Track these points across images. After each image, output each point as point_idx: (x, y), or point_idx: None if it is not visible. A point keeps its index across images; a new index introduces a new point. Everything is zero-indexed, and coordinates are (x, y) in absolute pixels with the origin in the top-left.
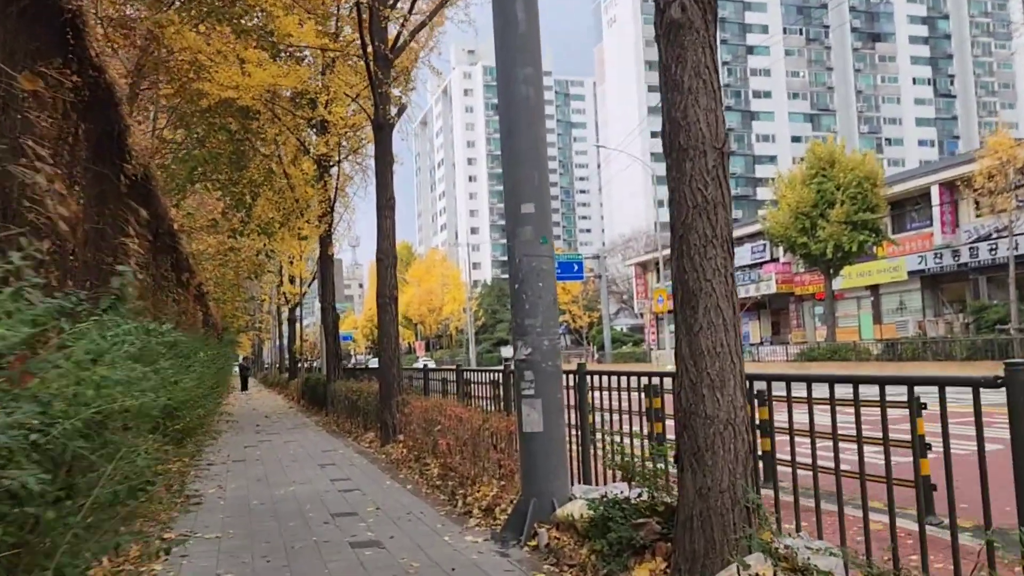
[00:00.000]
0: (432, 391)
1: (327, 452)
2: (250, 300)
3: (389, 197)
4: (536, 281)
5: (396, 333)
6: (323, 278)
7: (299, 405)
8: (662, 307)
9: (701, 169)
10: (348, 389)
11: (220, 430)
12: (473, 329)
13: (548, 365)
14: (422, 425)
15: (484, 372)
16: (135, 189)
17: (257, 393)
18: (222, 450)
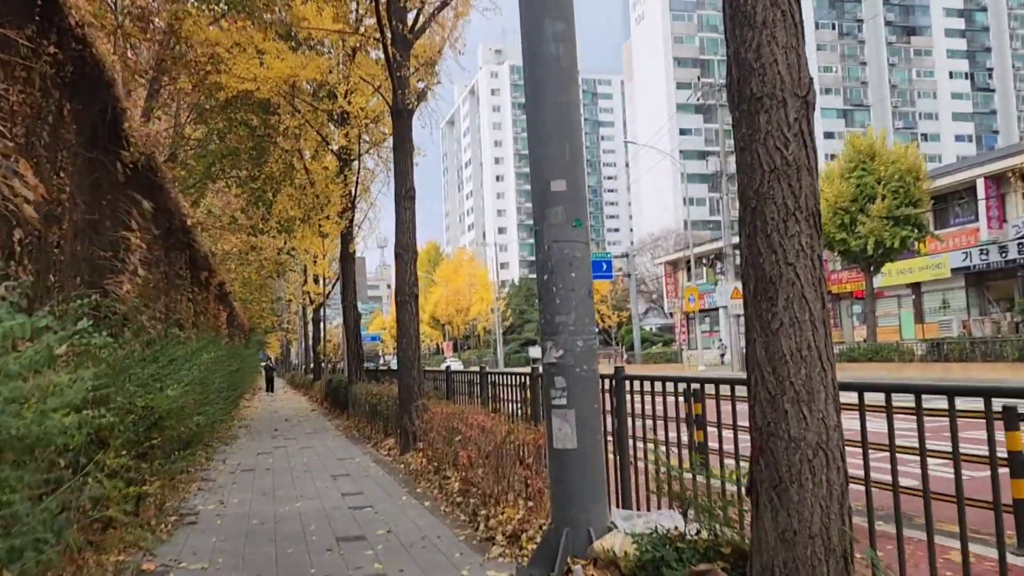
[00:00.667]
0: (457, 394)
1: (343, 461)
2: (276, 300)
3: (408, 187)
4: (568, 271)
5: (416, 333)
6: (344, 276)
7: (322, 408)
8: (693, 306)
9: (780, 122)
10: (368, 392)
11: (235, 435)
12: (501, 329)
13: (583, 370)
14: (442, 433)
15: (509, 375)
16: (137, 180)
17: (283, 394)
18: (234, 457)
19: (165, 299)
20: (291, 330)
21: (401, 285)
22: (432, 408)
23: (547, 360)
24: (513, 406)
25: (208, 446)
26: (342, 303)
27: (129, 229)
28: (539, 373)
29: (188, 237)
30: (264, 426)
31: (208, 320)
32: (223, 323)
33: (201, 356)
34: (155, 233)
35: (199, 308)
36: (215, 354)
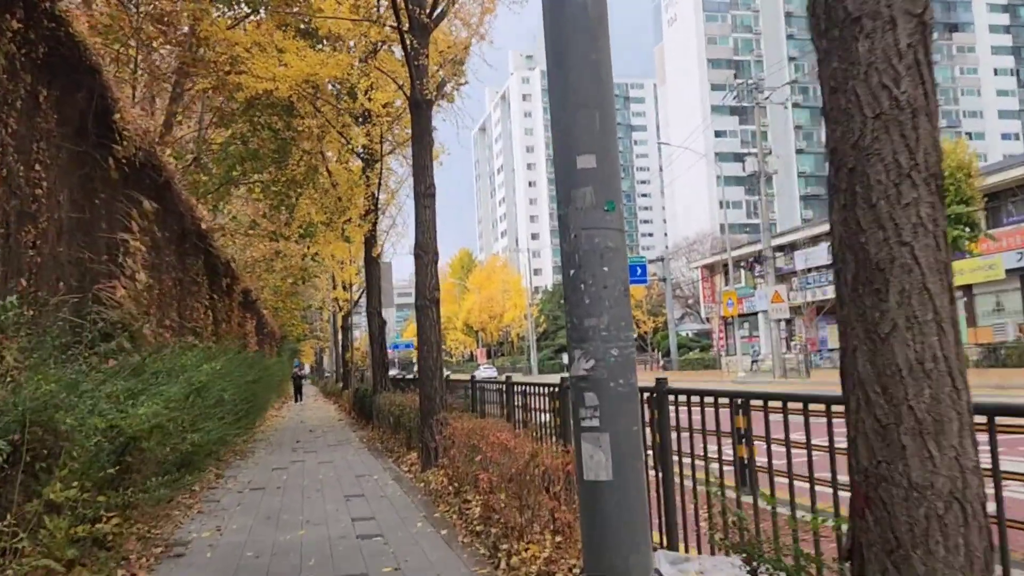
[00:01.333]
0: (485, 404)
1: (360, 478)
2: (308, 308)
3: (428, 184)
4: (598, 264)
5: (438, 340)
6: (369, 282)
7: (349, 417)
8: (731, 311)
9: (887, 51)
10: (391, 403)
11: (251, 450)
12: (534, 335)
13: (619, 385)
14: (463, 451)
15: (535, 386)
16: (137, 178)
17: (313, 403)
18: (247, 473)
19: (178, 306)
20: (324, 338)
21: (421, 289)
22: (453, 422)
23: (575, 372)
24: (542, 419)
25: (220, 461)
26: (367, 309)
27: (128, 231)
28: (566, 386)
29: (204, 242)
30: (286, 438)
31: (232, 329)
32: (250, 332)
33: (202, 367)
34: (159, 236)
35: (221, 316)
36: (218, 365)
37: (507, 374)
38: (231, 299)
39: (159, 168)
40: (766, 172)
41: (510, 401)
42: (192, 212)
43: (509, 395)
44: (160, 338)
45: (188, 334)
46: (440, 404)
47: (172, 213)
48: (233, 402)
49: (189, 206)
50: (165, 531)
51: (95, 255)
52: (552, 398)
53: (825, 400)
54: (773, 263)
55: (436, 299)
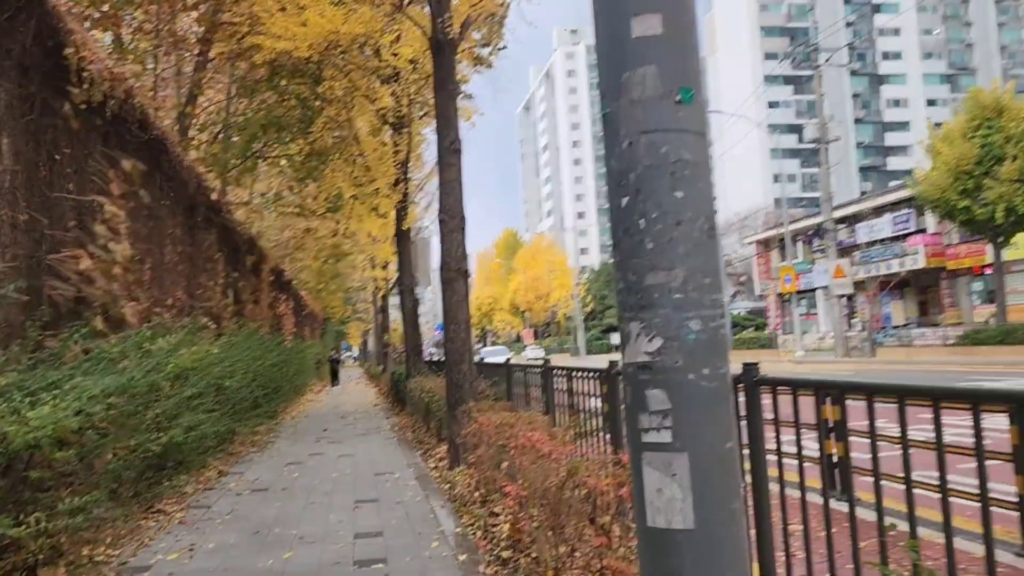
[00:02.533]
0: (520, 392)
1: (379, 477)
2: (350, 290)
3: (453, 139)
4: (668, 187)
5: (467, 319)
6: (400, 257)
7: (386, 401)
8: (789, 287)
9: None
10: (421, 388)
11: (271, 440)
12: (582, 316)
13: (702, 377)
14: (491, 451)
15: (578, 372)
16: (116, 134)
17: (354, 386)
18: (256, 469)
19: (187, 284)
20: (367, 320)
21: (446, 259)
22: (480, 415)
23: (632, 357)
24: (587, 413)
25: (230, 455)
26: (399, 287)
27: (105, 194)
28: (618, 370)
29: (218, 215)
30: (314, 425)
31: (261, 311)
32: (285, 313)
33: (209, 352)
34: (152, 203)
35: (246, 297)
36: (208, 349)
37: (544, 357)
38: (258, 279)
39: (145, 124)
40: (827, 139)
41: (548, 389)
42: (199, 180)
43: (547, 381)
44: (158, 319)
45: (201, 315)
46: (469, 392)
47: (172, 180)
48: (244, 389)
49: (194, 173)
50: (127, 551)
51: (55, 220)
52: (601, 383)
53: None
54: (835, 236)
55: (464, 271)
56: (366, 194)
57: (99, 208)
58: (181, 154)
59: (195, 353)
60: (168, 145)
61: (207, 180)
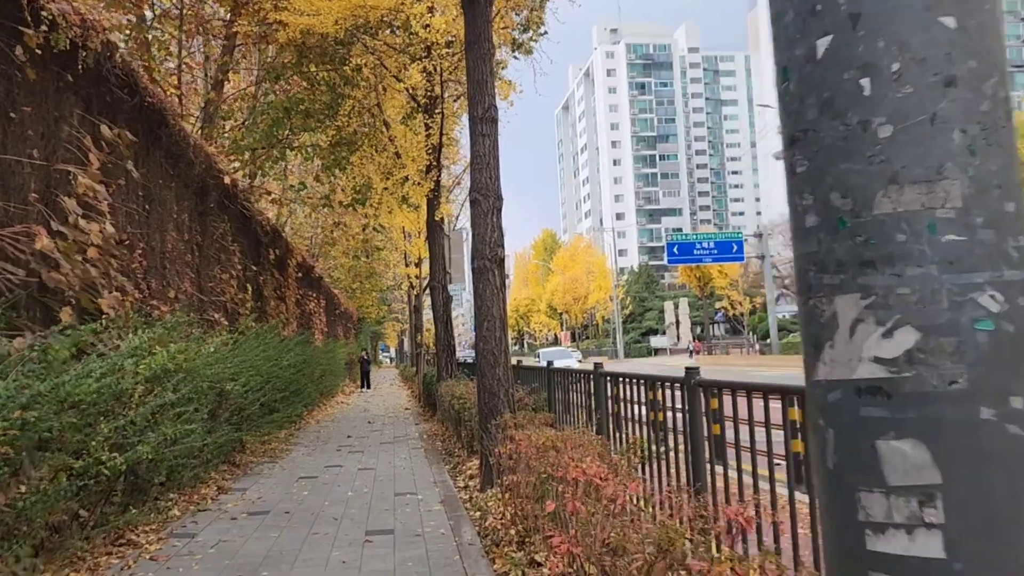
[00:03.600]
0: (563, 400)
1: (400, 498)
2: (385, 290)
3: (487, 106)
4: (922, 7)
5: (503, 315)
6: (432, 250)
7: (418, 405)
8: None
9: None
10: (452, 394)
11: (288, 449)
12: (620, 318)
13: (1012, 417)
14: (531, 478)
15: (644, 381)
16: (97, 95)
17: (387, 388)
18: (263, 484)
19: (197, 276)
20: (403, 320)
21: (478, 245)
22: (517, 433)
23: (836, 371)
24: (646, 420)
25: (235, 467)
26: (429, 283)
27: (79, 163)
28: (695, 378)
29: (234, 203)
30: (339, 431)
31: (287, 308)
32: (315, 312)
33: (145, 351)
34: (147, 181)
35: (268, 293)
36: (186, 347)
37: (595, 360)
38: (284, 274)
39: (135, 87)
40: None
41: (600, 400)
42: (210, 161)
43: (598, 390)
44: (156, 312)
45: (212, 310)
46: (504, 401)
47: (175, 158)
48: (254, 393)
49: (203, 152)
50: None
51: (10, 190)
52: (681, 391)
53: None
54: None
55: (499, 259)
56: (396, 183)
57: (71, 180)
58: (185, 128)
59: (180, 352)
60: (168, 117)
61: (221, 162)
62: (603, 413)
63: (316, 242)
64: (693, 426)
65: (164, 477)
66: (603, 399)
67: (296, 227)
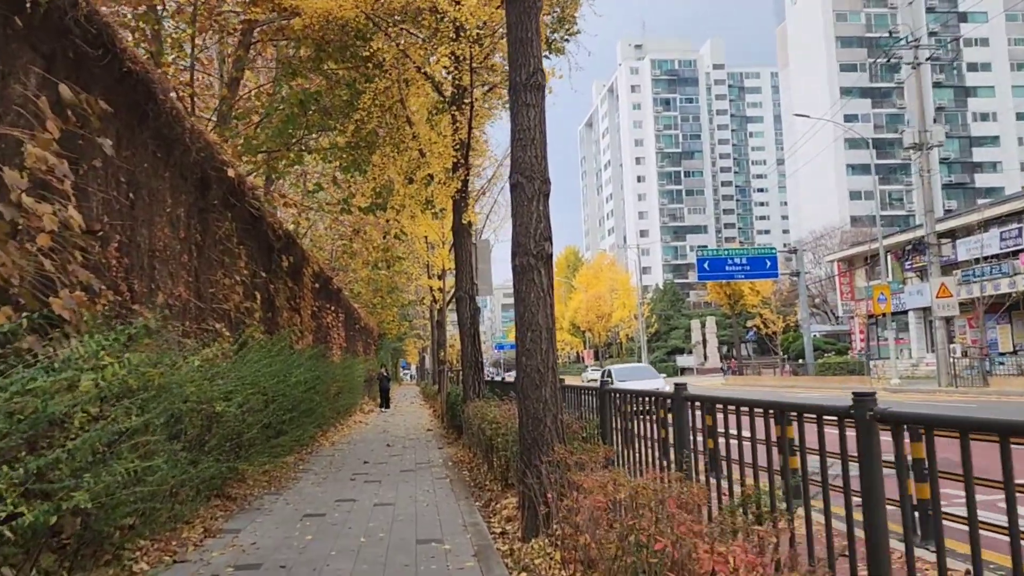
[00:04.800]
0: (631, 433)
1: (424, 546)
2: (406, 305)
3: (532, 70)
4: None
5: (550, 323)
6: (457, 257)
7: (441, 426)
8: (883, 307)
9: None
10: (482, 417)
11: (297, 477)
12: (645, 336)
13: None
14: (603, 539)
15: (761, 411)
16: (67, 56)
17: (407, 407)
18: (256, 527)
19: (195, 281)
20: (425, 336)
21: (521, 238)
22: (580, 476)
23: None
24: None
25: (229, 501)
26: (455, 294)
27: (31, 130)
28: (870, 408)
29: (242, 201)
30: (355, 455)
31: (302, 320)
32: (333, 326)
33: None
34: (127, 162)
35: (281, 303)
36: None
37: (675, 380)
38: (298, 284)
39: (109, 46)
40: (929, 143)
41: (685, 434)
42: (211, 149)
43: (681, 419)
44: (141, 319)
45: (213, 319)
46: (553, 430)
47: (170, 143)
48: (253, 415)
49: (203, 138)
50: None
51: None
52: (840, 426)
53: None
54: (939, 251)
55: (546, 254)
56: (420, 183)
57: (16, 147)
58: (179, 107)
59: (146, 365)
60: (156, 90)
61: (224, 152)
62: (682, 446)
63: (336, 255)
64: (870, 480)
65: (130, 521)
66: (687, 432)
67: (316, 239)
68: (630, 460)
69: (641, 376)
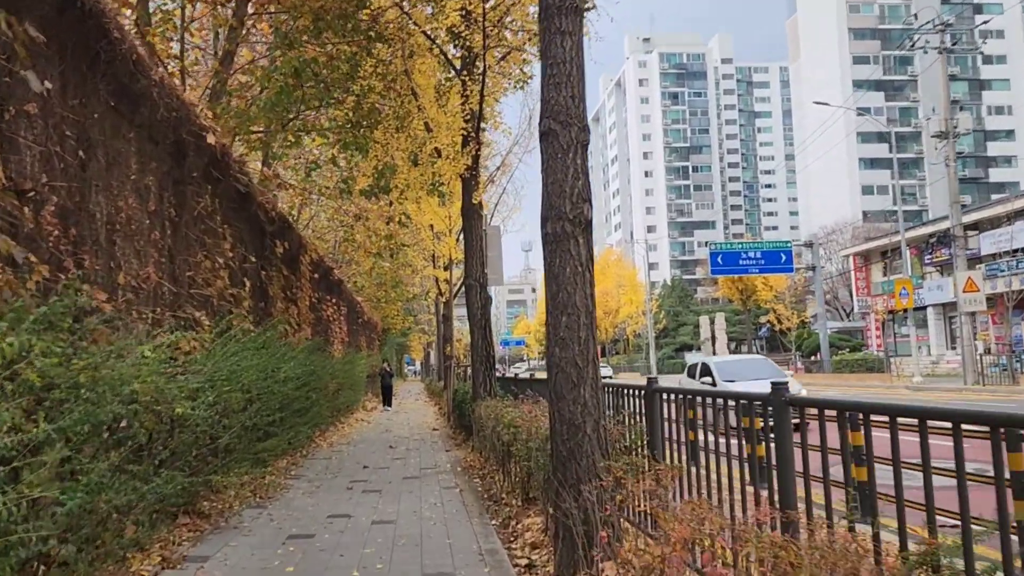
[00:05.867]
0: (677, 443)
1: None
2: (411, 299)
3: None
4: None
5: (588, 304)
6: (468, 241)
7: (448, 424)
8: (905, 302)
9: None
10: (497, 418)
11: (287, 485)
12: (653, 333)
13: None
14: None
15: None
16: None
17: (411, 404)
18: (234, 547)
19: (168, 262)
20: (430, 331)
21: (554, 199)
22: (672, 527)
23: None
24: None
25: (203, 518)
26: (464, 281)
27: None
28: None
29: (226, 174)
30: (354, 458)
31: (300, 312)
32: (334, 319)
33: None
34: (75, 117)
35: (275, 292)
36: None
37: (775, 381)
38: (296, 273)
39: None
40: (953, 132)
41: (787, 451)
42: (186, 109)
43: (783, 431)
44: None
45: (192, 306)
46: (594, 439)
47: (135, 98)
48: (229, 417)
49: (175, 96)
50: None
51: None
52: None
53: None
54: (965, 243)
55: (586, 219)
56: (426, 159)
57: None
58: (143, 54)
59: (57, 353)
60: (110, 26)
61: (203, 116)
62: (784, 471)
63: (339, 247)
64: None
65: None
66: (789, 447)
67: (318, 230)
68: (694, 482)
69: (756, 373)
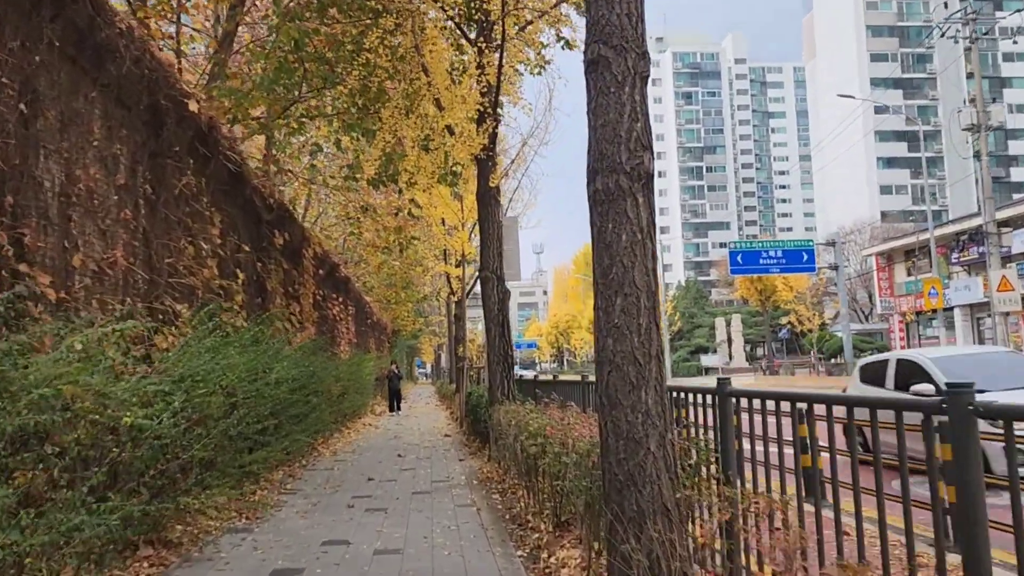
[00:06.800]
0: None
1: None
2: (422, 300)
3: None
4: None
5: (652, 284)
6: (483, 229)
7: (461, 430)
8: (935, 302)
9: None
10: (520, 427)
11: (280, 500)
12: (669, 335)
13: None
14: None
15: None
16: None
17: (422, 407)
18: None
19: (143, 246)
20: (441, 333)
21: (604, 146)
22: None
23: None
24: None
25: (171, 547)
26: (480, 273)
27: None
28: None
29: (215, 151)
30: (359, 468)
31: (303, 310)
32: (341, 318)
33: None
34: (24, 65)
35: (273, 286)
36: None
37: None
38: (298, 267)
39: None
40: (992, 122)
41: (973, 485)
42: (163, 70)
43: (967, 453)
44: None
45: (171, 297)
46: (661, 459)
47: (98, 50)
48: (210, 424)
49: (147, 52)
50: None
51: None
52: None
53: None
54: (998, 240)
55: (645, 172)
56: (438, 137)
57: None
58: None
59: None
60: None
61: (183, 80)
62: (972, 518)
63: (347, 244)
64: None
65: None
66: (976, 476)
67: (327, 228)
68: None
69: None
